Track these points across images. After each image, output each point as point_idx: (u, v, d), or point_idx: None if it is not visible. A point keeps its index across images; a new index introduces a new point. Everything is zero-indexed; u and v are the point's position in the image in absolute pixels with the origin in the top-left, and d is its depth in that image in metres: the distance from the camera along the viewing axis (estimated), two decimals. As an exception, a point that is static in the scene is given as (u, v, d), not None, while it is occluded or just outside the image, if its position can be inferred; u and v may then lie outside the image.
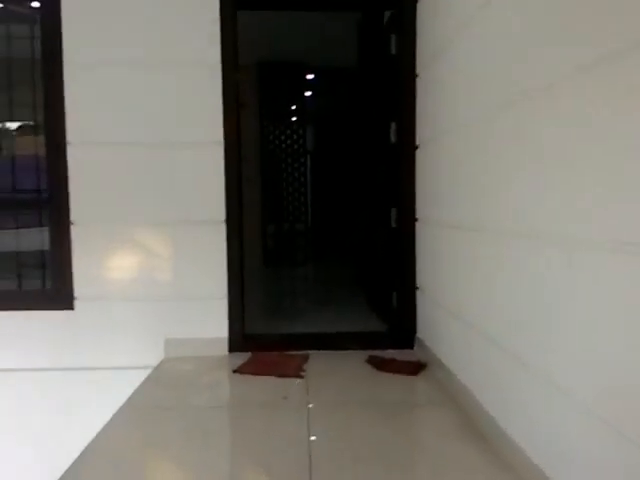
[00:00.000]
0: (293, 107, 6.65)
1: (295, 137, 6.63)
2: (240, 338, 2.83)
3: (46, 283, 2.78)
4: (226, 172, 2.78)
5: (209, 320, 2.79)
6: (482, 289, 1.99)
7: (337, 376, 2.52)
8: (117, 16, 2.69)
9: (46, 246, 2.73)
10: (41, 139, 2.76)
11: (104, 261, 2.74)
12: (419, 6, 2.77)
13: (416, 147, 2.86)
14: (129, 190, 2.73)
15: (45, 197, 2.73)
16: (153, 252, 2.77)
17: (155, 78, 2.72)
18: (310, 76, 7.07)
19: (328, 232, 9.62)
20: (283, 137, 6.63)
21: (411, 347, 2.88)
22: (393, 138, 3.06)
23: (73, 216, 2.71)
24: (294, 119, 6.62)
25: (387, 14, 3.21)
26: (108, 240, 2.74)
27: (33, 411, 2.70)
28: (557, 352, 1.38)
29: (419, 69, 2.80)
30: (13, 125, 3.96)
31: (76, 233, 2.72)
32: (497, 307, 1.82)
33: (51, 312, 2.72)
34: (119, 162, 2.73)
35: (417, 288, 2.88)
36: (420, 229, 2.83)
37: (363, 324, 3.39)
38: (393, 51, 3.00)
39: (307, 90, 7.73)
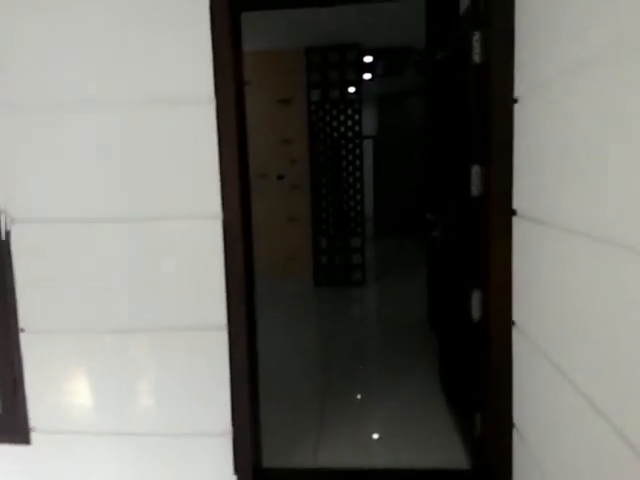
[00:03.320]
0: (350, 91, 5.60)
1: (350, 129, 5.60)
2: (251, 488, 2.02)
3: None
4: (226, 257, 1.92)
5: (206, 463, 1.99)
6: None
7: None
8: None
9: None
10: None
11: (67, 382, 1.99)
12: (522, -11, 1.71)
13: (513, 211, 1.84)
14: (95, 285, 1.94)
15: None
16: (130, 370, 1.98)
17: (121, 128, 1.88)
18: (368, 58, 5.99)
19: (389, 246, 8.48)
20: (336, 134, 5.64)
21: (502, 511, 1.94)
22: (475, 189, 2.05)
23: (23, 322, 1.97)
24: (349, 108, 5.58)
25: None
26: (71, 353, 1.98)
27: None
28: None
29: (519, 91, 1.76)
30: None
31: (28, 344, 1.98)
32: None
33: (1, 447, 2.03)
34: (78, 245, 1.94)
35: (514, 426, 1.91)
36: (519, 340, 1.84)
37: (434, 433, 2.47)
38: (477, 59, 1.96)
39: (366, 73, 6.66)
